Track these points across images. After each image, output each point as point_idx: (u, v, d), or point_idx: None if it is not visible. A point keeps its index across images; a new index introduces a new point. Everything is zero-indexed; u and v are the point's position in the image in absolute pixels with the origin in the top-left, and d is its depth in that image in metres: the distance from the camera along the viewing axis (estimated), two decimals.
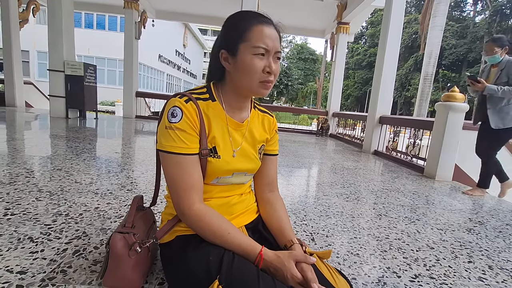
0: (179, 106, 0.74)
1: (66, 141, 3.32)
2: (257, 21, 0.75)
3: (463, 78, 28.08)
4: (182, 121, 0.74)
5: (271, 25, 0.76)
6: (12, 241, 1.08)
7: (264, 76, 0.76)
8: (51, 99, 5.68)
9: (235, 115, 0.85)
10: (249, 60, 0.74)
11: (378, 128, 4.84)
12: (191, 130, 0.75)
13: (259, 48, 0.73)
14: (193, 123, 0.75)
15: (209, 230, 0.74)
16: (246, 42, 0.74)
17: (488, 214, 2.12)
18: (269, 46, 0.74)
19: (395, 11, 4.51)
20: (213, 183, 0.84)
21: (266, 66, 0.75)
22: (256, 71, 0.75)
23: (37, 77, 16.20)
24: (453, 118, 3.15)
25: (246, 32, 0.74)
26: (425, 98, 10.48)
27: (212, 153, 0.80)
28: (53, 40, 5.37)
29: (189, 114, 0.75)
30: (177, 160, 0.74)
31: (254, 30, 0.74)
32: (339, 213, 1.84)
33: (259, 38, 0.73)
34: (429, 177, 3.30)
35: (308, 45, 35.80)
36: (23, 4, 7.28)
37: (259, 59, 0.74)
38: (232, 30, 0.77)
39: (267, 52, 0.74)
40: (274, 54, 0.76)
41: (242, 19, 0.76)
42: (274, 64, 0.76)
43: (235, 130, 0.85)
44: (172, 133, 0.73)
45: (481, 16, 29.88)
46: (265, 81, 0.76)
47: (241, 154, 0.85)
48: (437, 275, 1.19)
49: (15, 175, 1.87)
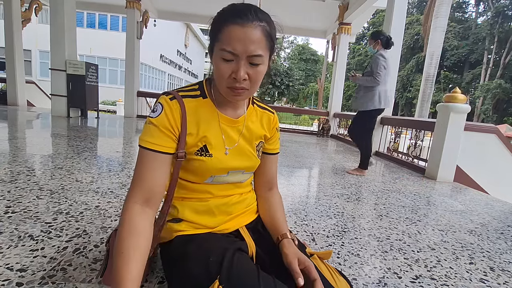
0: (161, 103, 0.73)
1: (67, 140, 3.33)
2: (230, 20, 0.66)
3: (465, 79, 28.05)
4: (159, 117, 0.71)
5: (249, 26, 0.65)
6: (12, 239, 1.08)
7: (230, 82, 0.69)
8: (52, 98, 5.70)
9: (228, 112, 0.82)
10: (217, 64, 0.69)
11: (379, 128, 4.83)
12: (165, 128, 0.72)
13: (224, 52, 0.66)
14: (171, 122, 0.72)
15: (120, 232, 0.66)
16: (218, 42, 0.68)
17: (490, 216, 2.11)
18: (237, 50, 0.65)
19: (397, 11, 4.50)
20: (207, 182, 0.82)
21: (234, 71, 0.67)
22: (221, 76, 0.69)
23: (39, 76, 16.26)
24: (455, 119, 3.14)
25: (218, 33, 0.68)
26: (426, 99, 10.43)
27: (204, 152, 0.77)
28: (55, 39, 5.39)
29: (169, 112, 0.72)
30: (143, 155, 0.71)
31: (224, 31, 0.66)
32: (340, 213, 1.83)
33: (227, 40, 0.66)
34: (430, 178, 3.29)
35: (309, 46, 35.76)
36: (25, 4, 7.31)
37: (225, 63, 0.67)
38: (210, 28, 0.72)
39: (235, 57, 0.66)
40: (248, 58, 0.67)
41: (218, 17, 0.70)
42: (245, 69, 0.67)
43: (229, 127, 0.82)
44: (147, 127, 0.72)
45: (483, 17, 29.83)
46: (232, 87, 0.70)
47: (236, 152, 0.82)
48: (438, 276, 1.19)
49: (16, 173, 1.88)
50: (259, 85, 0.75)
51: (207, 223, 0.83)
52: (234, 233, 0.86)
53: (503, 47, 26.21)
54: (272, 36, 0.71)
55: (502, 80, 24.14)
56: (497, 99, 24.62)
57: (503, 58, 25.88)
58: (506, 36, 25.76)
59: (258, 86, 0.75)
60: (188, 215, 0.82)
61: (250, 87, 0.72)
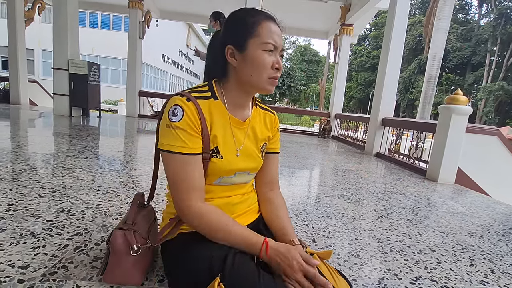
0: (180, 105, 0.73)
1: (69, 139, 3.34)
2: (264, 17, 0.76)
3: (467, 81, 27.98)
4: (183, 120, 0.72)
5: (276, 23, 0.78)
6: (14, 236, 1.08)
7: (273, 72, 0.77)
8: (55, 97, 5.72)
9: (237, 113, 0.83)
10: (259, 56, 0.74)
11: (380, 130, 4.82)
12: (192, 130, 0.73)
13: (268, 44, 0.74)
14: (194, 123, 0.74)
15: (209, 227, 0.74)
16: (255, 37, 0.74)
17: (491, 218, 2.11)
18: (277, 43, 0.75)
19: (399, 13, 4.50)
20: (215, 184, 0.83)
21: (275, 62, 0.76)
22: (265, 67, 0.75)
23: (41, 75, 16.32)
24: (456, 120, 3.13)
25: (255, 28, 0.74)
26: (428, 101, 10.42)
27: (214, 154, 0.78)
28: (57, 38, 5.41)
29: (190, 114, 0.73)
30: (177, 160, 0.73)
31: (263, 26, 0.74)
32: (340, 214, 1.83)
33: (268, 34, 0.74)
34: (432, 180, 3.28)
35: (311, 47, 35.81)
36: (28, 3, 7.34)
37: (268, 55, 0.75)
38: (239, 25, 0.76)
39: (275, 49, 0.76)
40: (282, 51, 0.78)
41: (249, 14, 0.76)
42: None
43: (238, 129, 0.84)
44: (173, 132, 0.72)
45: (486, 19, 29.75)
46: (273, 77, 0.77)
47: (244, 153, 0.84)
48: (438, 278, 1.18)
49: (18, 172, 1.88)
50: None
51: None
52: None
53: (506, 49, 26.14)
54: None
55: (504, 82, 24.08)
56: (500, 101, 24.56)
57: (505, 60, 25.82)
58: (508, 38, 25.69)
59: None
60: None
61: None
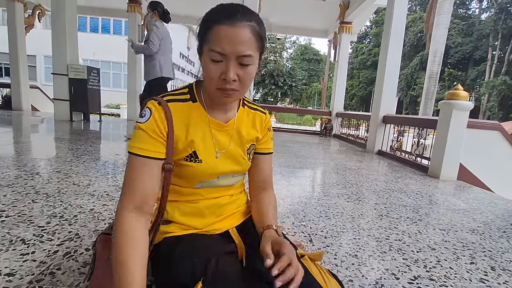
0: (149, 108, 0.71)
1: (68, 144, 3.34)
2: (219, 20, 0.65)
3: (469, 76, 27.74)
4: (148, 122, 0.70)
5: (237, 25, 0.65)
6: (3, 243, 1.07)
7: (220, 83, 0.68)
8: (55, 103, 5.74)
9: (218, 115, 0.80)
10: (206, 64, 0.68)
11: (381, 127, 4.78)
12: (154, 133, 0.70)
13: (212, 52, 0.65)
14: (160, 127, 0.71)
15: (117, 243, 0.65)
16: (207, 43, 0.67)
17: (493, 214, 2.07)
18: (225, 50, 0.64)
19: (398, 9, 4.46)
20: (198, 187, 0.81)
21: (223, 72, 0.66)
22: (211, 77, 0.68)
23: (43, 81, 16.46)
24: (457, 116, 3.09)
25: (206, 33, 0.67)
26: (430, 97, 10.33)
27: (193, 158, 0.76)
28: (56, 44, 5.43)
29: (157, 117, 0.70)
30: (132, 161, 0.69)
31: (213, 31, 0.65)
32: (339, 213, 1.80)
33: (216, 40, 0.65)
34: (433, 176, 3.24)
35: (312, 46, 35.69)
36: (29, 10, 7.39)
37: (214, 64, 0.66)
38: (200, 26, 0.71)
39: (224, 57, 0.65)
40: (238, 58, 0.66)
41: (206, 17, 0.69)
42: (234, 70, 0.66)
43: (219, 131, 0.80)
44: (136, 133, 0.70)
45: (486, 13, 29.50)
46: (222, 89, 0.69)
47: (226, 156, 0.81)
48: (437, 277, 1.15)
49: (14, 178, 1.88)
50: (249, 86, 0.74)
51: (196, 224, 0.82)
52: (224, 234, 0.85)
53: (507, 43, 25.90)
54: (261, 36, 0.69)
55: (507, 77, 23.83)
56: (503, 96, 24.32)
57: (507, 54, 25.58)
58: (509, 32, 25.46)
59: (249, 87, 0.74)
60: (177, 217, 0.81)
61: (240, 88, 0.70)
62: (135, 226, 0.66)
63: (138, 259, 0.64)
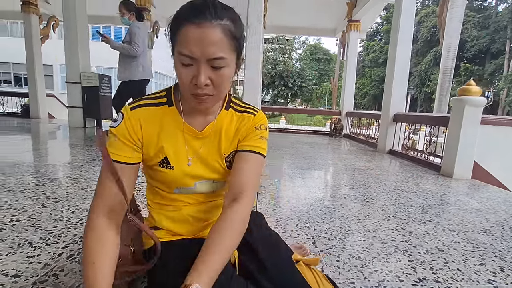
0: (123, 112, 0.71)
1: (80, 150, 3.44)
2: (188, 19, 0.59)
3: (487, 70, 26.78)
4: (119, 127, 0.69)
5: (206, 25, 0.59)
6: (12, 246, 1.12)
7: (193, 89, 0.63)
8: (69, 110, 5.93)
9: (196, 119, 0.76)
10: (177, 68, 0.64)
11: (392, 126, 4.68)
12: (125, 138, 0.69)
13: (182, 56, 0.61)
14: (130, 132, 0.70)
15: (85, 248, 0.63)
16: (176, 45, 0.63)
17: (507, 213, 1.98)
18: (194, 53, 0.59)
19: (406, 3, 4.36)
20: (176, 193, 0.80)
21: (195, 76, 0.62)
22: (183, 82, 0.64)
23: (60, 89, 17.05)
24: (470, 112, 2.99)
25: (175, 34, 0.62)
26: (444, 94, 10.04)
27: (165, 164, 0.74)
28: (69, 53, 5.62)
29: (128, 122, 0.69)
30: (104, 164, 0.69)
31: (182, 32, 0.60)
32: (345, 215, 1.78)
33: (184, 43, 0.60)
34: (446, 175, 3.14)
35: (321, 45, 35.38)
36: (44, 21, 7.69)
37: (184, 68, 0.62)
38: (170, 27, 0.66)
39: (194, 60, 0.61)
40: (209, 61, 0.61)
41: (177, 14, 0.63)
42: (206, 74, 0.61)
43: (194, 138, 0.76)
44: (109, 137, 0.70)
45: (503, 4, 28.44)
46: (195, 94, 0.64)
47: (200, 162, 0.77)
48: (443, 279, 1.12)
49: (27, 183, 1.95)
50: (226, 90, 0.69)
51: (184, 231, 0.82)
52: None
53: None
54: (235, 35, 0.64)
55: None
56: None
57: None
58: None
59: (226, 91, 0.69)
60: (165, 223, 0.82)
61: (215, 92, 0.66)
62: (105, 233, 0.65)
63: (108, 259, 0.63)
